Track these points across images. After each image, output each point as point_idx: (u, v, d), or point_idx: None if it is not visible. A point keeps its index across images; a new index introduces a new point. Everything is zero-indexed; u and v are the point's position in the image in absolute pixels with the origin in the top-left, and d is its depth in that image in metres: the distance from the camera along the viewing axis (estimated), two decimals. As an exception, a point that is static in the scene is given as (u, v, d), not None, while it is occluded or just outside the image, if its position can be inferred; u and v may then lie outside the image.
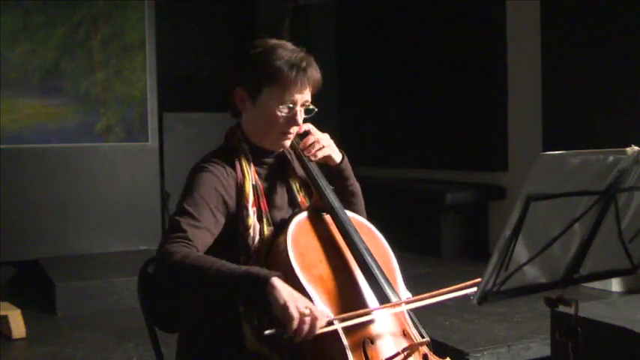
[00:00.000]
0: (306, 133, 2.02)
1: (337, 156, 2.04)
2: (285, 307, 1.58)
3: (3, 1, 5.50)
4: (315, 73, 1.93)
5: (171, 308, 2.14)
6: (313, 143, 1.99)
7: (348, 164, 2.08)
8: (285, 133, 1.93)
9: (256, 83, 1.89)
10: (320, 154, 1.99)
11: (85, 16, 5.79)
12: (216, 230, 1.82)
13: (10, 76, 5.58)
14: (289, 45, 1.94)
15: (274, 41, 1.94)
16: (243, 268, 1.68)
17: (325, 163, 2.02)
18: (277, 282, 1.61)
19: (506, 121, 5.61)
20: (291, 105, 1.89)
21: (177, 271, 1.69)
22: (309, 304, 1.63)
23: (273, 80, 1.87)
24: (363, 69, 7.11)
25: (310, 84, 1.92)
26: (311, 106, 1.95)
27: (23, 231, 5.55)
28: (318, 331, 1.62)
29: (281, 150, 2.01)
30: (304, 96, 1.91)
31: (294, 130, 1.94)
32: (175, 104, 6.95)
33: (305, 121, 1.96)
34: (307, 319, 1.59)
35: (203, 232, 1.78)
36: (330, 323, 1.67)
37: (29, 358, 3.95)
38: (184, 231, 1.74)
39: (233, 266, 1.68)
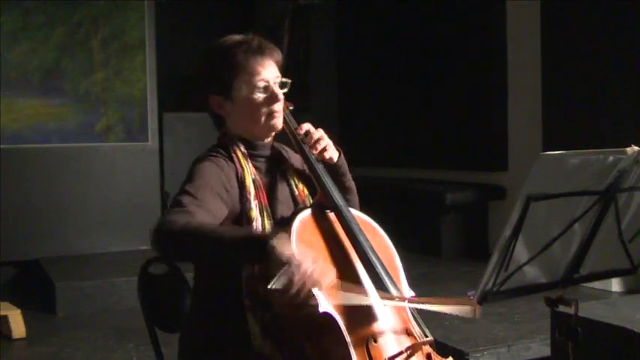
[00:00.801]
0: (307, 133, 2.02)
1: (335, 153, 2.04)
2: (290, 259, 1.54)
3: (3, 1, 5.50)
4: (271, 47, 1.96)
5: (171, 308, 2.14)
6: (319, 140, 1.99)
7: (345, 161, 2.08)
8: (271, 113, 1.94)
9: (223, 83, 1.92)
10: (327, 155, 1.99)
11: (85, 16, 5.79)
12: (218, 215, 1.80)
13: (10, 76, 5.58)
14: (235, 36, 1.97)
15: (219, 40, 1.97)
16: (244, 230, 1.70)
17: (322, 160, 2.02)
18: (280, 239, 1.58)
19: (506, 121, 5.61)
20: (264, 84, 1.92)
21: (178, 237, 1.66)
22: (316, 258, 1.59)
23: (236, 70, 1.90)
24: (363, 69, 7.11)
25: (271, 58, 1.94)
26: (284, 79, 1.97)
27: (23, 231, 5.55)
28: (321, 290, 1.58)
29: (274, 133, 2.00)
30: (271, 71, 1.94)
31: (278, 106, 1.95)
32: (175, 104, 6.94)
33: (294, 103, 1.98)
34: (313, 272, 1.55)
35: (204, 211, 1.75)
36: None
37: (29, 358, 3.95)
38: (185, 205, 1.73)
39: (234, 229, 1.70)
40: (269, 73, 1.93)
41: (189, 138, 6.53)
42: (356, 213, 1.96)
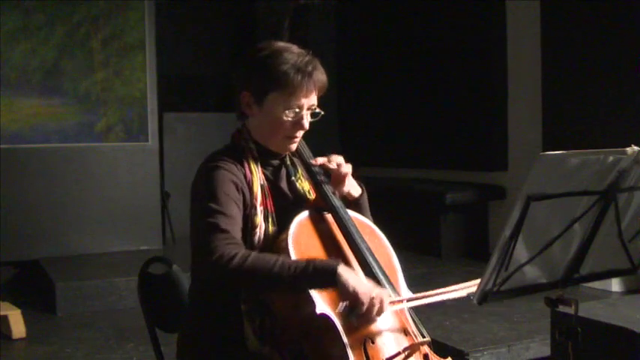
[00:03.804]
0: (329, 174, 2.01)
1: (356, 190, 2.03)
2: (355, 294, 1.66)
3: (3, 1, 5.50)
4: (321, 76, 1.91)
5: (171, 308, 2.14)
6: (341, 163, 1.99)
7: (367, 200, 2.06)
8: (291, 137, 1.93)
9: (262, 88, 1.88)
10: (345, 189, 1.99)
11: (85, 16, 5.78)
12: (241, 223, 1.82)
13: (10, 76, 5.58)
14: (295, 48, 1.92)
15: (280, 44, 1.92)
16: (304, 262, 1.71)
17: (342, 195, 2.00)
18: (342, 270, 1.69)
19: (506, 121, 5.61)
20: (297, 109, 1.89)
21: (240, 274, 1.69)
22: (373, 285, 1.71)
23: (279, 85, 1.86)
24: (363, 69, 7.11)
25: (316, 88, 1.91)
26: (317, 110, 1.94)
27: (23, 231, 5.55)
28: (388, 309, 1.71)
29: (287, 153, 2.00)
30: (310, 100, 1.90)
31: (299, 134, 1.94)
32: (175, 104, 6.95)
33: (310, 124, 1.95)
34: (376, 302, 1.67)
35: (238, 228, 1.79)
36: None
37: (29, 358, 3.95)
38: (227, 232, 1.74)
39: (293, 261, 1.72)
40: (307, 101, 1.89)
41: (189, 138, 6.54)
42: (353, 214, 1.96)
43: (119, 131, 5.94)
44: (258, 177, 1.89)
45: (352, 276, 1.69)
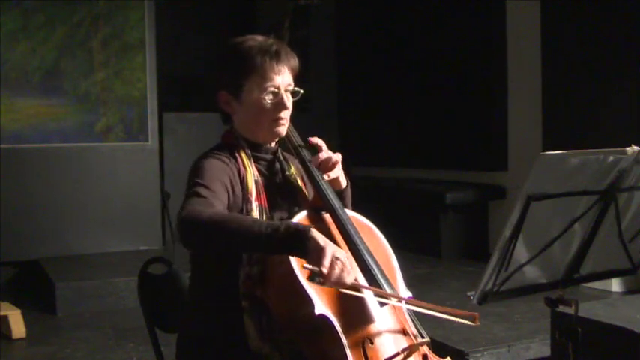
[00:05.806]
0: (315, 150, 2.00)
1: (343, 181, 2.03)
2: (323, 248, 1.60)
3: (3, 1, 5.50)
4: (289, 54, 1.94)
5: (171, 308, 2.14)
6: (329, 158, 1.97)
7: (350, 192, 2.07)
8: (276, 120, 1.93)
9: (235, 81, 1.91)
10: (332, 175, 1.97)
11: (85, 16, 5.79)
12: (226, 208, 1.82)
13: (10, 76, 5.58)
14: (257, 36, 1.96)
15: (241, 37, 1.96)
16: (275, 222, 1.70)
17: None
18: (315, 231, 1.63)
19: (507, 121, 5.61)
20: (274, 90, 1.91)
21: (208, 226, 1.65)
22: (344, 255, 1.65)
23: (250, 71, 1.89)
24: (363, 69, 7.11)
25: (287, 66, 1.93)
26: (296, 88, 1.96)
27: (23, 231, 5.55)
28: (343, 289, 1.64)
29: (277, 139, 2.00)
30: (285, 79, 1.93)
31: (284, 114, 1.94)
32: (175, 104, 6.95)
33: (293, 104, 1.96)
34: (339, 263, 1.61)
35: (220, 203, 1.76)
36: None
37: (29, 358, 3.95)
38: (205, 197, 1.73)
39: (262, 220, 1.73)
40: (282, 80, 1.91)
41: (189, 138, 6.54)
42: (352, 214, 1.95)
43: (119, 131, 5.94)
44: (252, 173, 1.90)
45: (325, 238, 1.64)
